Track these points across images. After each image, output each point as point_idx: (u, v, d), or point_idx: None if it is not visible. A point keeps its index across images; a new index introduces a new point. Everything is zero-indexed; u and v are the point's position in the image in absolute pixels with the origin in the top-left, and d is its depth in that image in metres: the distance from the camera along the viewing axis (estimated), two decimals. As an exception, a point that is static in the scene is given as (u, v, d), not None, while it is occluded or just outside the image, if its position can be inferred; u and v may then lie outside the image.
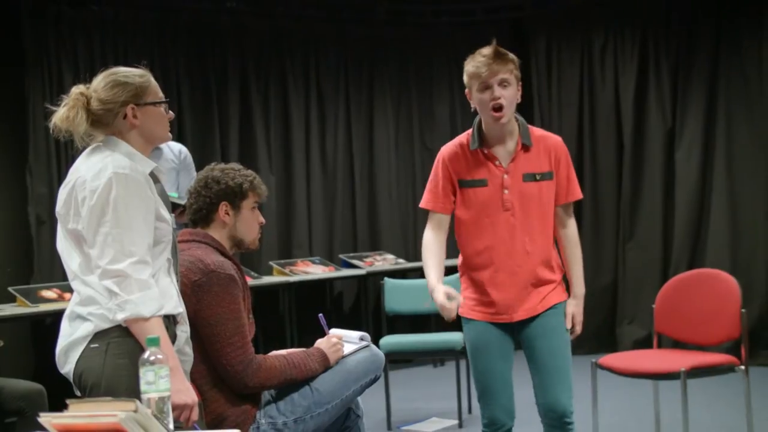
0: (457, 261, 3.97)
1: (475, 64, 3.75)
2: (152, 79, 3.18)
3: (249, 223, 3.82)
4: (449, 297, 3.65)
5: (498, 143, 3.80)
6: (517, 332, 3.90)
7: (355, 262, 8.28)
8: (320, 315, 4.21)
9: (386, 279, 7.01)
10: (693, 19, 7.99)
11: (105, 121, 3.11)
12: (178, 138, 7.06)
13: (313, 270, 8.03)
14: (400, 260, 8.58)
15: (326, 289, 8.45)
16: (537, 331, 3.87)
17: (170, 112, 3.21)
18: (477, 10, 8.98)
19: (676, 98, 8.14)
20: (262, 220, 3.91)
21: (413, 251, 8.98)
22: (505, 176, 3.77)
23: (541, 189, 3.80)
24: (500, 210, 3.78)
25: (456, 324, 7.60)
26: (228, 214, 3.77)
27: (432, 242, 3.88)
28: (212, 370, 3.59)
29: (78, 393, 3.07)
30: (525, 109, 9.09)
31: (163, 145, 5.36)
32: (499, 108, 3.69)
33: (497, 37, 3.86)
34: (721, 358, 5.02)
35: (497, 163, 3.78)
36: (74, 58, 7.30)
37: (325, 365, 3.84)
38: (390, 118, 8.98)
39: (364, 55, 8.89)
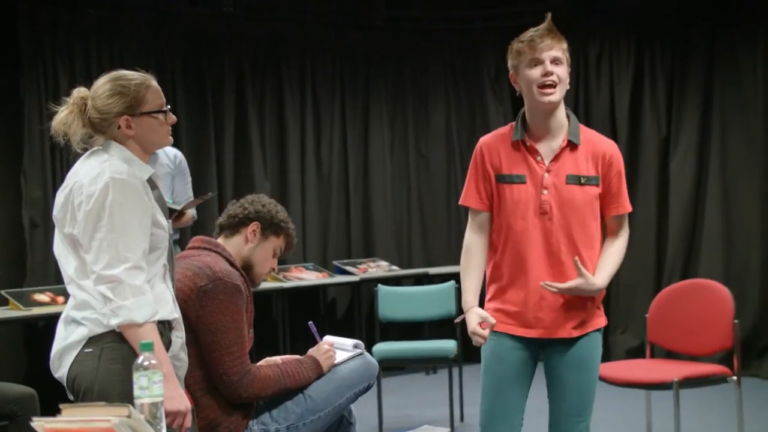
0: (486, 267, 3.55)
1: (525, 37, 3.41)
2: (153, 85, 3.16)
3: (265, 256, 3.87)
4: (483, 320, 3.35)
5: (543, 137, 3.44)
6: (543, 354, 3.51)
7: (348, 268, 8.28)
8: (310, 323, 4.21)
9: (380, 286, 7.01)
10: (688, 27, 8.01)
11: (101, 129, 3.11)
12: (174, 143, 7.05)
13: (307, 276, 8.03)
14: (394, 267, 8.58)
15: (320, 295, 8.44)
16: (567, 360, 3.45)
17: (172, 116, 3.20)
18: (475, 17, 8.98)
19: (671, 107, 8.16)
20: (275, 266, 3.95)
21: (407, 258, 8.99)
22: (546, 175, 3.39)
23: (585, 194, 3.42)
24: (537, 212, 3.38)
25: (449, 331, 7.64)
26: (254, 235, 3.82)
27: (473, 248, 3.49)
28: (207, 377, 3.60)
29: (71, 397, 3.07)
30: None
31: (158, 150, 5.36)
32: (550, 85, 3.35)
33: (495, 45, 3.79)
34: (713, 368, 5.04)
35: (539, 158, 3.41)
36: (70, 62, 7.30)
37: (318, 373, 3.85)
38: (385, 125, 8.98)
39: (360, 61, 8.90)
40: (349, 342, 4.09)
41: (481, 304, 3.47)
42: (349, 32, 8.87)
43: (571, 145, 3.42)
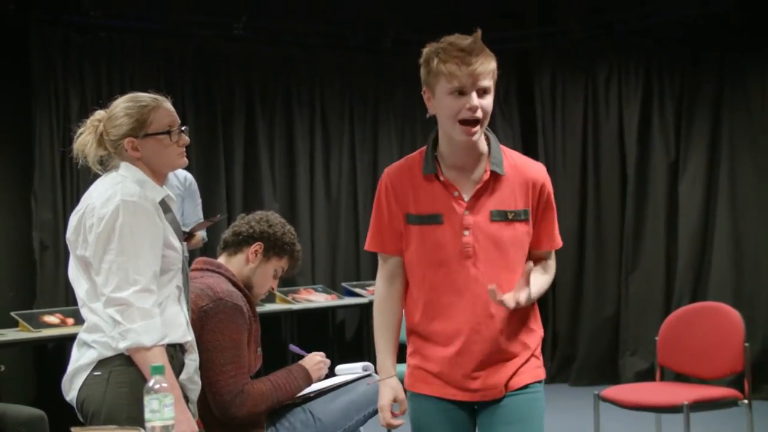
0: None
1: (449, 59, 2.84)
2: (163, 107, 3.18)
3: (266, 277, 3.86)
4: (396, 402, 2.96)
5: (460, 168, 2.92)
6: (477, 416, 2.99)
7: (357, 290, 8.28)
8: (291, 346, 4.21)
9: (389, 308, 6.99)
10: (696, 51, 8.02)
11: (115, 150, 3.14)
12: (183, 164, 7.08)
13: (316, 298, 8.03)
14: (403, 289, 8.56)
15: (329, 317, 8.44)
16: (503, 416, 2.91)
17: (184, 137, 3.21)
18: (484, 41, 8.96)
19: (679, 130, 8.16)
20: (275, 286, 3.95)
21: (416, 280, 8.96)
22: (467, 213, 2.89)
23: (514, 232, 2.92)
24: (458, 257, 2.88)
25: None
26: (256, 255, 3.81)
27: (385, 299, 3.02)
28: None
29: (81, 419, 3.07)
30: (529, 139, 9.18)
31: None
32: (474, 122, 2.83)
33: (504, 69, 3.09)
34: (724, 391, 5.02)
35: (456, 194, 2.90)
36: (81, 84, 7.33)
37: (308, 382, 3.85)
38: (394, 147, 8.99)
39: (369, 83, 8.93)
40: (358, 366, 4.09)
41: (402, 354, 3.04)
42: (358, 55, 8.90)
43: (495, 176, 2.91)
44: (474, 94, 2.83)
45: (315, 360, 3.91)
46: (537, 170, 3.01)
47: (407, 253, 2.96)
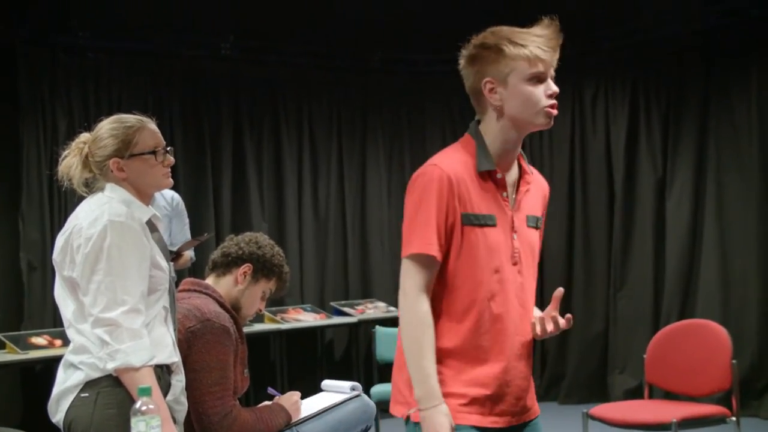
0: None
1: (530, 42, 2.69)
2: (148, 127, 3.20)
3: (254, 298, 3.85)
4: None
5: (505, 167, 2.77)
6: None
7: (346, 309, 8.27)
8: (269, 388, 4.20)
9: (377, 327, 7.01)
10: (682, 68, 8.06)
11: (101, 171, 3.15)
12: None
13: (305, 317, 8.02)
14: (392, 308, 8.56)
15: (317, 336, 8.42)
16: None
17: (169, 157, 3.22)
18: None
19: (666, 147, 8.19)
20: (263, 308, 3.94)
21: (405, 299, 8.95)
22: (515, 216, 2.76)
23: (537, 239, 2.86)
24: (508, 262, 2.71)
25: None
26: (245, 276, 3.80)
27: (427, 315, 2.64)
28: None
29: (68, 442, 3.06)
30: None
31: (155, 192, 5.37)
32: (554, 108, 2.71)
33: None
34: (712, 409, 5.03)
35: (505, 195, 2.75)
36: (69, 105, 7.33)
37: (288, 420, 3.84)
38: (382, 166, 9.01)
39: (357, 102, 8.95)
40: (346, 384, 4.09)
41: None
42: (345, 75, 8.92)
43: (527, 178, 2.83)
44: (550, 80, 2.72)
45: (293, 399, 3.90)
46: (543, 179, 2.99)
47: (453, 259, 2.67)
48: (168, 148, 3.22)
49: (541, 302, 9.81)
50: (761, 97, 7.57)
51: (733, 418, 4.95)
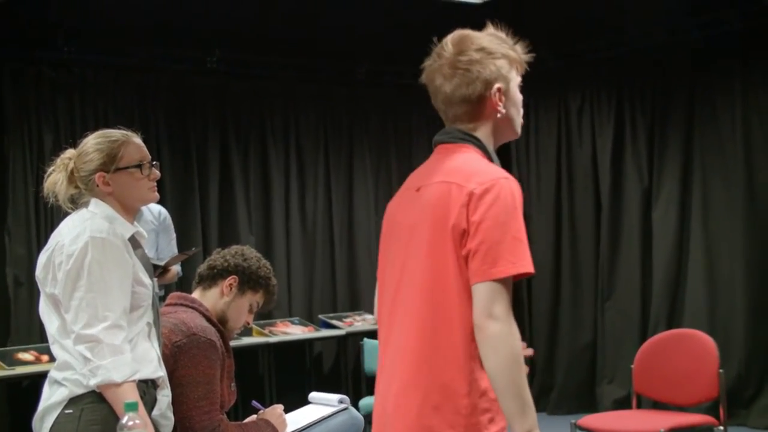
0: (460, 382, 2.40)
1: (521, 51, 2.69)
2: (133, 141, 3.20)
3: (240, 311, 3.84)
4: None
5: None
6: None
7: (334, 322, 8.27)
8: (253, 401, 4.19)
9: (365, 339, 7.01)
10: (667, 79, 8.10)
11: (86, 187, 3.15)
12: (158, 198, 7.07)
13: (293, 330, 8.01)
14: (380, 320, 8.55)
15: (305, 349, 8.41)
16: None
17: (155, 171, 3.22)
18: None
19: (652, 158, 8.21)
20: (250, 321, 3.92)
21: (393, 311, 8.95)
22: None
23: None
24: None
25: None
26: (230, 289, 3.79)
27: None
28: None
29: (53, 459, 3.04)
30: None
31: (142, 207, 5.37)
32: None
33: None
34: (700, 418, 5.05)
35: None
36: (55, 120, 7.32)
37: None
38: (369, 178, 9.02)
39: (343, 115, 8.96)
40: (334, 397, 4.08)
41: None
42: (331, 87, 8.94)
43: None
44: None
45: (277, 413, 3.89)
46: None
47: None
48: (153, 162, 3.23)
49: (530, 315, 9.74)
50: (745, 107, 7.61)
51: (721, 428, 4.97)
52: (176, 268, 5.70)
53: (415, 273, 2.49)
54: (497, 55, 2.59)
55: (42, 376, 3.14)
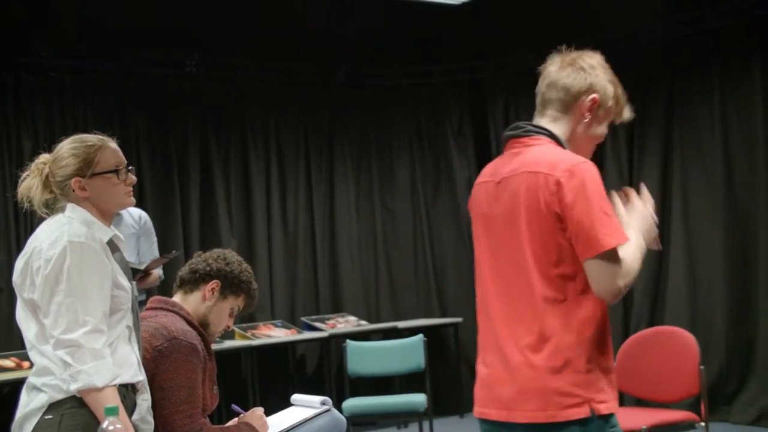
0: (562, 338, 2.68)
1: (623, 97, 3.06)
2: (109, 146, 3.18)
3: (222, 315, 3.83)
4: None
5: None
6: None
7: (317, 324, 8.26)
8: (232, 405, 4.19)
9: (348, 341, 7.01)
10: (646, 76, 8.12)
11: (62, 192, 3.13)
12: (139, 202, 7.02)
13: (276, 333, 8.00)
14: (363, 322, 8.57)
15: (288, 352, 8.41)
16: None
17: (131, 176, 3.21)
18: (435, 72, 9.09)
19: (632, 155, 8.25)
20: (231, 324, 3.92)
21: (375, 312, 8.98)
22: None
23: None
24: None
25: (419, 385, 7.63)
26: (212, 293, 3.78)
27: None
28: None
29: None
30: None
31: (122, 211, 5.36)
32: None
33: (457, 99, 2.95)
34: (681, 415, 5.07)
35: None
36: (33, 126, 7.30)
37: None
38: (350, 180, 9.02)
39: (324, 117, 8.95)
40: (316, 399, 4.08)
41: None
42: (312, 90, 8.94)
43: None
44: None
45: (258, 415, 3.89)
46: None
47: None
48: (129, 167, 3.22)
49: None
50: (723, 106, 7.65)
51: (702, 424, 4.99)
52: (158, 272, 5.68)
53: (517, 257, 2.74)
54: (615, 83, 2.99)
55: (22, 383, 3.13)
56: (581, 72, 2.93)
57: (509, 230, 2.76)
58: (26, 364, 6.26)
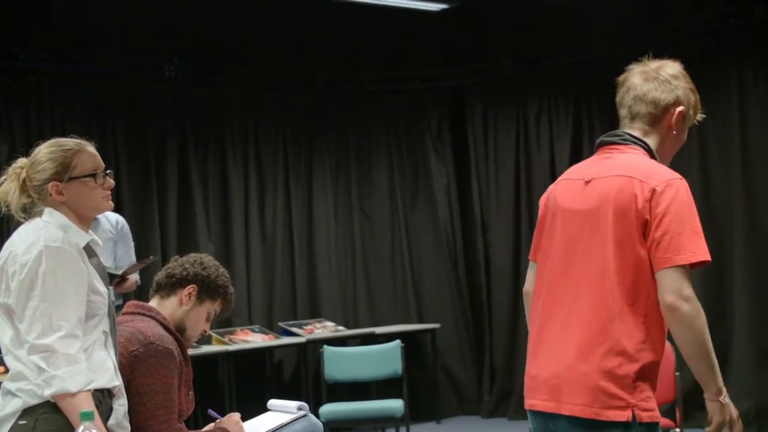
0: (628, 344, 2.72)
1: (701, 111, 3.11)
2: (87, 150, 3.17)
3: (199, 319, 3.81)
4: None
5: None
6: None
7: (294, 329, 8.25)
8: (209, 410, 4.18)
9: (326, 347, 7.01)
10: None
11: (39, 196, 3.13)
12: (116, 207, 7.01)
13: (253, 338, 7.99)
14: (340, 327, 8.56)
15: (266, 357, 8.40)
16: None
17: (109, 180, 3.20)
18: (415, 78, 9.11)
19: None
20: (208, 329, 3.91)
21: (353, 318, 8.98)
22: None
23: None
24: None
25: (396, 391, 7.63)
26: (189, 297, 3.76)
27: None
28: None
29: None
30: (463, 174, 9.27)
31: (100, 216, 5.34)
32: None
33: (436, 105, 3.05)
34: (657, 421, 5.08)
35: None
36: (10, 129, 7.27)
37: None
38: (329, 186, 9.02)
39: (303, 123, 8.95)
40: (293, 404, 4.07)
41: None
42: (291, 95, 8.94)
43: None
44: None
45: (234, 420, 3.88)
46: None
47: None
48: (107, 171, 3.21)
49: (490, 320, 9.74)
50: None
51: (678, 430, 5.01)
52: (134, 277, 5.66)
53: (594, 253, 2.80)
54: (693, 90, 3.04)
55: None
56: (667, 84, 3.02)
57: (592, 228, 2.82)
58: (1, 369, 6.21)
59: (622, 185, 2.79)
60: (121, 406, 3.18)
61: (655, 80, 3.03)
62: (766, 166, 7.46)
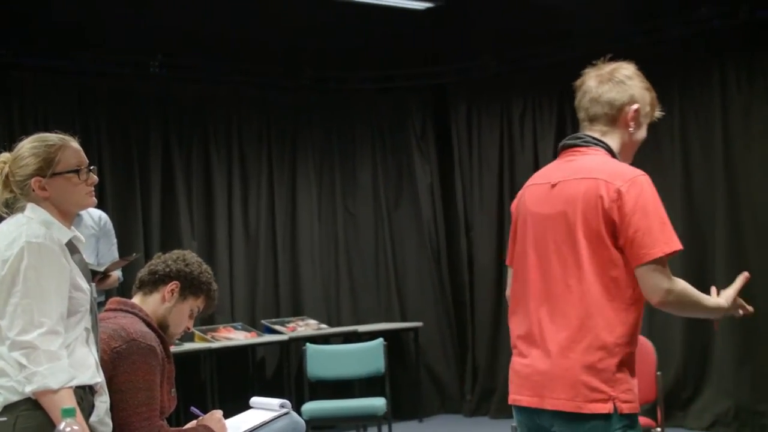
0: (607, 336, 2.83)
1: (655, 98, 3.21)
2: (70, 146, 3.16)
3: (182, 317, 3.80)
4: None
5: None
6: None
7: (277, 327, 8.25)
8: (192, 407, 4.17)
9: (308, 344, 7.00)
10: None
11: (22, 192, 3.11)
12: (99, 203, 6.97)
13: (236, 336, 7.98)
14: (323, 325, 8.56)
15: (248, 354, 8.39)
16: None
17: (92, 176, 3.19)
18: (399, 76, 9.11)
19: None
20: (191, 326, 3.90)
21: (336, 316, 8.98)
22: None
23: None
24: None
25: (379, 389, 7.64)
26: (172, 294, 3.75)
27: (686, 285, 2.96)
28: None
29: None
30: (446, 173, 9.28)
31: (82, 212, 5.32)
32: None
33: (420, 104, 3.17)
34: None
35: None
36: (-8, 124, 7.24)
37: None
38: (313, 184, 9.02)
39: (287, 120, 8.95)
40: (275, 402, 4.07)
41: None
42: (275, 93, 8.93)
43: None
44: None
45: (216, 417, 3.88)
46: None
47: None
48: (91, 167, 3.19)
49: (473, 319, 9.75)
50: (683, 113, 7.74)
51: (659, 429, 5.03)
52: (117, 274, 5.65)
53: (567, 254, 2.90)
54: (649, 89, 3.17)
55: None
56: (621, 85, 3.12)
57: (563, 230, 2.91)
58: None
59: (587, 187, 2.88)
60: (103, 403, 3.17)
61: (610, 81, 3.12)
62: (748, 165, 7.49)
